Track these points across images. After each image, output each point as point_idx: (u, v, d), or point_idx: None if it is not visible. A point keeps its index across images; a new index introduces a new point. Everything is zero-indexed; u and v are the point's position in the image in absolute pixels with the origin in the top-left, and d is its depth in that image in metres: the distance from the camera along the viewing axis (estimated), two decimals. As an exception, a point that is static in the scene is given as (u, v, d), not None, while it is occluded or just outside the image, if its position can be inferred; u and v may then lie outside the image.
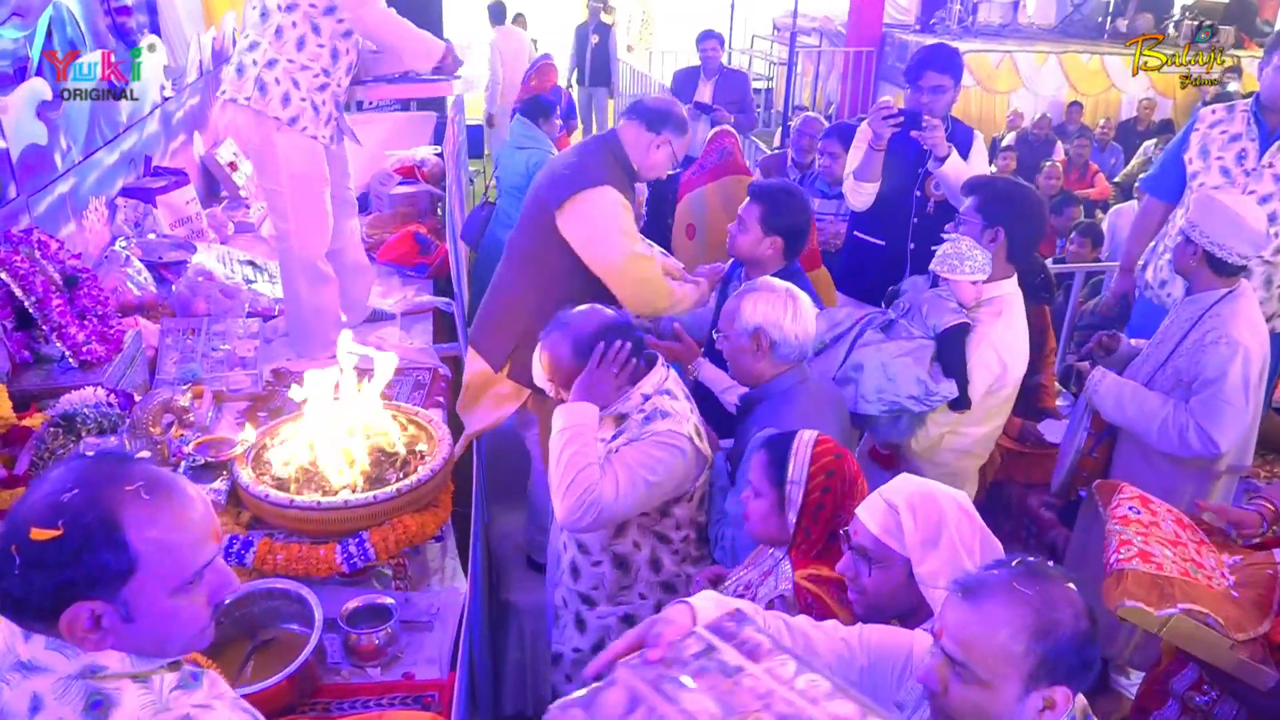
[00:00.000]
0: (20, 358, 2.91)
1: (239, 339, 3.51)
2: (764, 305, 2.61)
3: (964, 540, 1.80)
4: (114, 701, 1.18)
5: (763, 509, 2.17)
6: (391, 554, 2.39)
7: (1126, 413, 3.03)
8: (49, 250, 3.09)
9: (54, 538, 1.15)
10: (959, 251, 2.97)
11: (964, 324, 2.96)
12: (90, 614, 1.18)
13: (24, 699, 1.17)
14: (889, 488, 1.90)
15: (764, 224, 3.15)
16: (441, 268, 4.60)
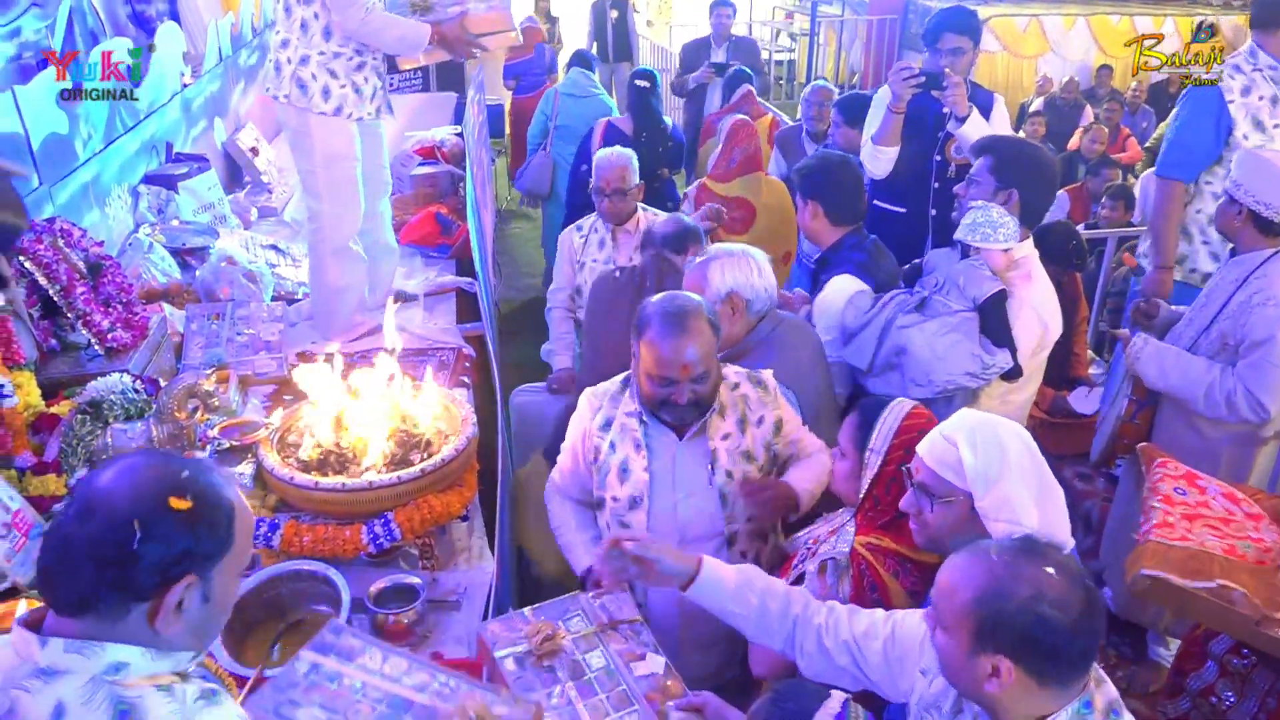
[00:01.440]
0: (47, 345, 2.93)
1: (263, 323, 3.52)
2: (730, 269, 2.68)
3: (1024, 475, 1.79)
4: (141, 710, 1.16)
5: (845, 470, 2.20)
6: (417, 534, 2.39)
7: (1170, 379, 2.94)
8: (72, 238, 3.10)
9: (187, 509, 1.19)
10: (990, 220, 2.90)
11: (1003, 290, 2.88)
12: (187, 588, 1.20)
13: (47, 705, 1.15)
14: (949, 423, 1.89)
15: (801, 193, 3.24)
16: (463, 248, 4.58)
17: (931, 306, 2.93)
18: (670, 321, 2.20)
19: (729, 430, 2.36)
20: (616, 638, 2.10)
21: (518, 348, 5.54)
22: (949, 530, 1.85)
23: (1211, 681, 2.36)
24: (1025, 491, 1.78)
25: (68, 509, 1.21)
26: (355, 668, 1.80)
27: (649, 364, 2.23)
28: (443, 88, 7.89)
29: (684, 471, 2.35)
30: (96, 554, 1.16)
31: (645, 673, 2.01)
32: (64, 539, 1.18)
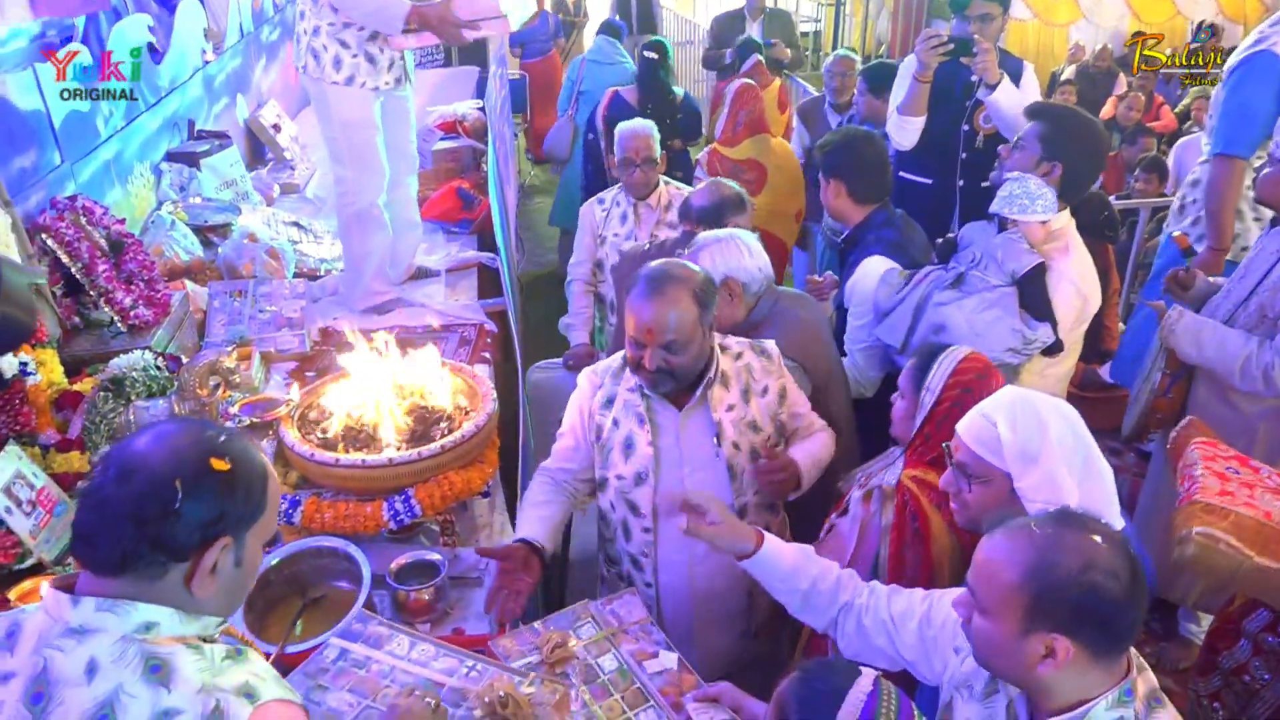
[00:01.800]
0: (70, 323, 2.94)
1: (285, 300, 3.52)
2: (720, 255, 2.65)
3: (1065, 454, 1.74)
4: (172, 666, 1.18)
5: (902, 410, 2.25)
6: (438, 510, 2.38)
7: (1205, 352, 2.86)
8: (94, 216, 3.11)
9: (226, 470, 1.22)
10: (1028, 191, 2.82)
11: (1042, 263, 2.80)
12: (222, 550, 1.23)
13: (80, 663, 1.16)
14: (989, 401, 1.86)
15: (824, 171, 3.18)
16: (485, 223, 4.56)
17: (969, 282, 2.86)
18: (650, 285, 2.17)
19: (733, 401, 2.32)
20: (627, 639, 2.10)
21: (539, 323, 5.53)
22: (988, 510, 1.82)
23: (1245, 660, 2.32)
24: (1066, 472, 1.73)
25: (105, 472, 1.22)
26: (384, 654, 1.83)
27: (628, 324, 2.22)
28: (464, 62, 7.84)
29: (689, 445, 2.31)
30: (138, 513, 1.18)
31: (658, 669, 2.01)
32: (103, 500, 1.20)
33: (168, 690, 1.15)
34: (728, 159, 4.72)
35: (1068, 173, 2.89)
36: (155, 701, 1.14)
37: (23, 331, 2.34)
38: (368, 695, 1.78)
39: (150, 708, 1.14)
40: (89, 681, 1.15)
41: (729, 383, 2.32)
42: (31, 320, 2.36)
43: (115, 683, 1.15)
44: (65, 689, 1.15)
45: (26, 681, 1.17)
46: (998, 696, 1.56)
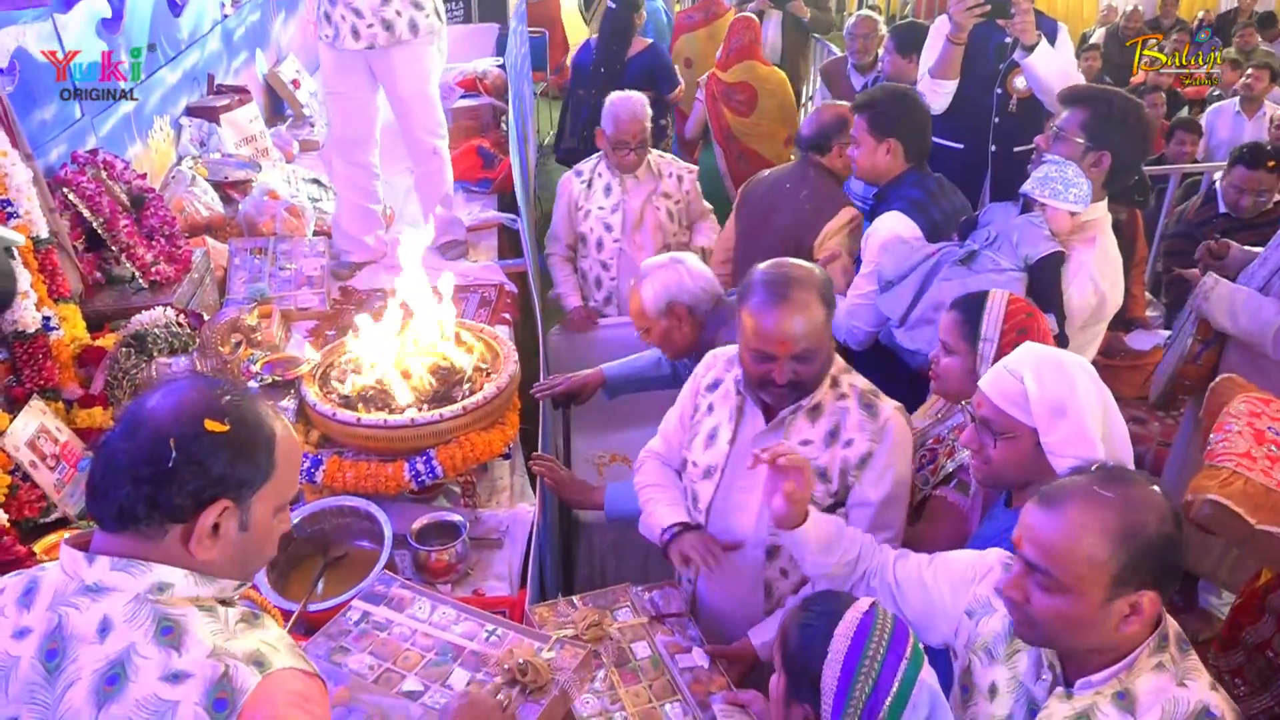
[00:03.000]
0: (92, 278, 2.93)
1: (305, 258, 3.51)
2: (659, 282, 2.62)
3: (1092, 410, 1.73)
4: (184, 628, 1.17)
5: (957, 367, 2.17)
6: (459, 471, 2.38)
7: (1240, 321, 2.80)
8: (115, 171, 3.09)
9: (223, 432, 1.19)
10: (1065, 177, 2.65)
11: (1059, 253, 2.64)
12: (222, 513, 1.20)
13: (93, 621, 1.16)
14: (1012, 358, 1.82)
15: (873, 131, 2.99)
16: (505, 182, 4.53)
17: (979, 261, 2.72)
18: (772, 291, 1.98)
19: (811, 438, 2.08)
20: (663, 630, 2.10)
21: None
22: (1014, 467, 1.80)
23: (1269, 636, 2.30)
24: (1093, 426, 1.72)
25: (118, 425, 1.23)
26: (405, 617, 1.83)
27: (749, 336, 2.03)
28: (484, 18, 7.74)
29: (746, 460, 2.10)
30: (135, 470, 1.17)
31: (689, 665, 2.02)
32: (110, 454, 1.20)
33: (178, 653, 1.15)
34: (722, 81, 5.21)
35: (1117, 161, 2.71)
36: (165, 663, 1.14)
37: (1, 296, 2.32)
38: (388, 658, 1.78)
39: (160, 669, 1.14)
40: (101, 640, 1.15)
41: (817, 418, 2.09)
42: (9, 284, 2.33)
43: (127, 642, 1.15)
44: (79, 646, 1.15)
45: (41, 638, 1.17)
46: (1020, 655, 1.55)
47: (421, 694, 1.68)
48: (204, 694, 1.13)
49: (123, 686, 1.13)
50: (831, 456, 2.07)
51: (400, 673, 1.76)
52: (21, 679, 1.16)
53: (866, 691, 1.37)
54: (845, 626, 1.42)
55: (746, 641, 2.12)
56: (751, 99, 5.12)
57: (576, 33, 9.28)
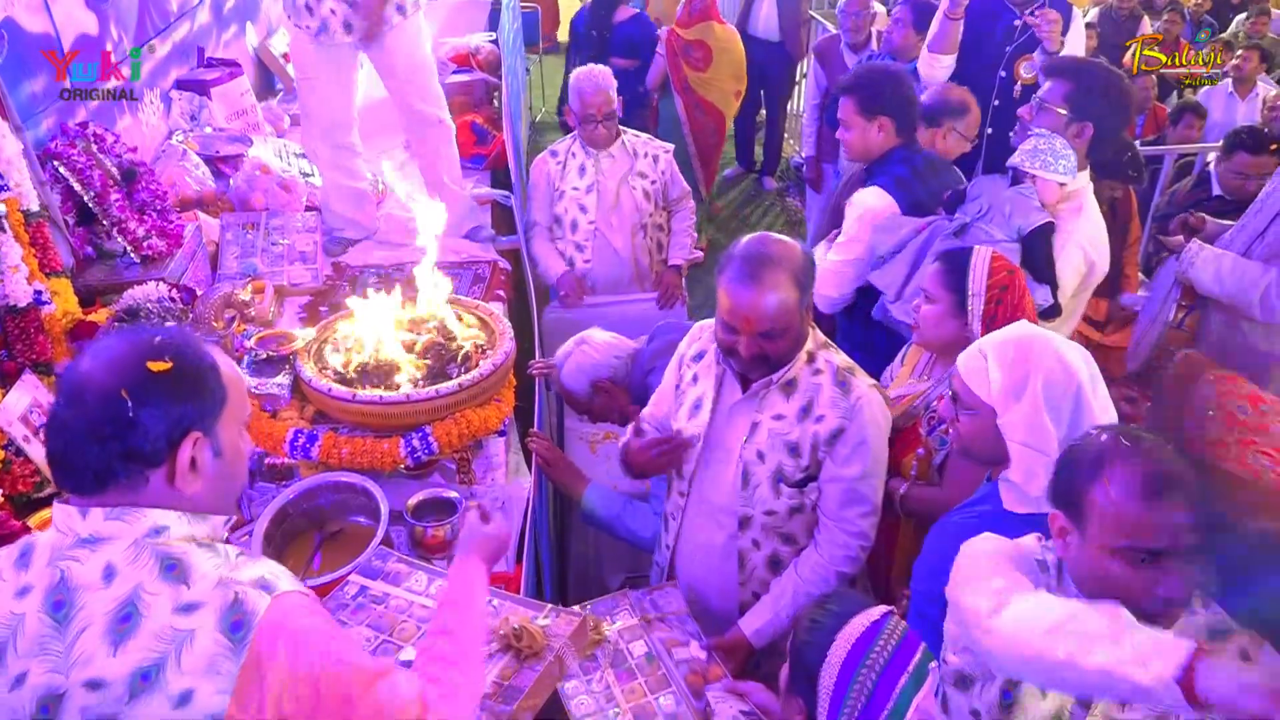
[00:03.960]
0: (83, 253, 2.91)
1: (298, 233, 3.49)
2: (577, 369, 2.74)
3: (1052, 399, 1.71)
4: (188, 564, 1.20)
5: (937, 313, 2.29)
6: (455, 448, 2.38)
7: (1226, 285, 2.83)
8: (105, 144, 3.06)
9: (166, 370, 1.21)
10: (1053, 149, 2.73)
11: (1050, 223, 2.72)
12: (195, 445, 1.23)
13: (96, 569, 1.18)
14: (991, 336, 1.85)
15: (863, 112, 3.00)
16: (499, 159, 4.50)
17: (971, 234, 2.77)
18: (746, 267, 2.00)
19: (785, 412, 2.11)
20: (662, 628, 2.11)
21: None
22: (979, 442, 1.82)
23: None
24: (1049, 418, 1.70)
25: (58, 397, 1.24)
26: (402, 590, 1.85)
27: (720, 307, 2.06)
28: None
29: (729, 432, 2.19)
30: (97, 432, 1.19)
31: (685, 657, 2.02)
32: (63, 425, 1.21)
33: (187, 586, 1.18)
34: (681, 38, 5.65)
35: (1099, 131, 2.79)
36: (176, 597, 1.17)
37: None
38: (386, 630, 1.80)
39: (172, 603, 1.16)
40: (107, 584, 1.17)
41: (792, 393, 2.11)
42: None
43: (134, 583, 1.17)
44: (85, 594, 1.17)
45: (45, 592, 1.19)
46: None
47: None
48: (219, 619, 1.16)
49: (136, 623, 1.15)
50: (803, 431, 2.10)
51: (397, 644, 1.77)
52: (29, 634, 1.17)
53: (861, 702, 1.36)
54: (849, 632, 1.41)
55: (740, 631, 2.15)
56: (707, 56, 5.66)
57: (569, 7, 9.25)
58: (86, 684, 1.14)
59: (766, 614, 2.14)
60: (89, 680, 1.14)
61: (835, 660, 1.39)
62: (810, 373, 2.11)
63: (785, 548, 2.21)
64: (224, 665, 1.14)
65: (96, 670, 1.14)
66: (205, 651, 1.14)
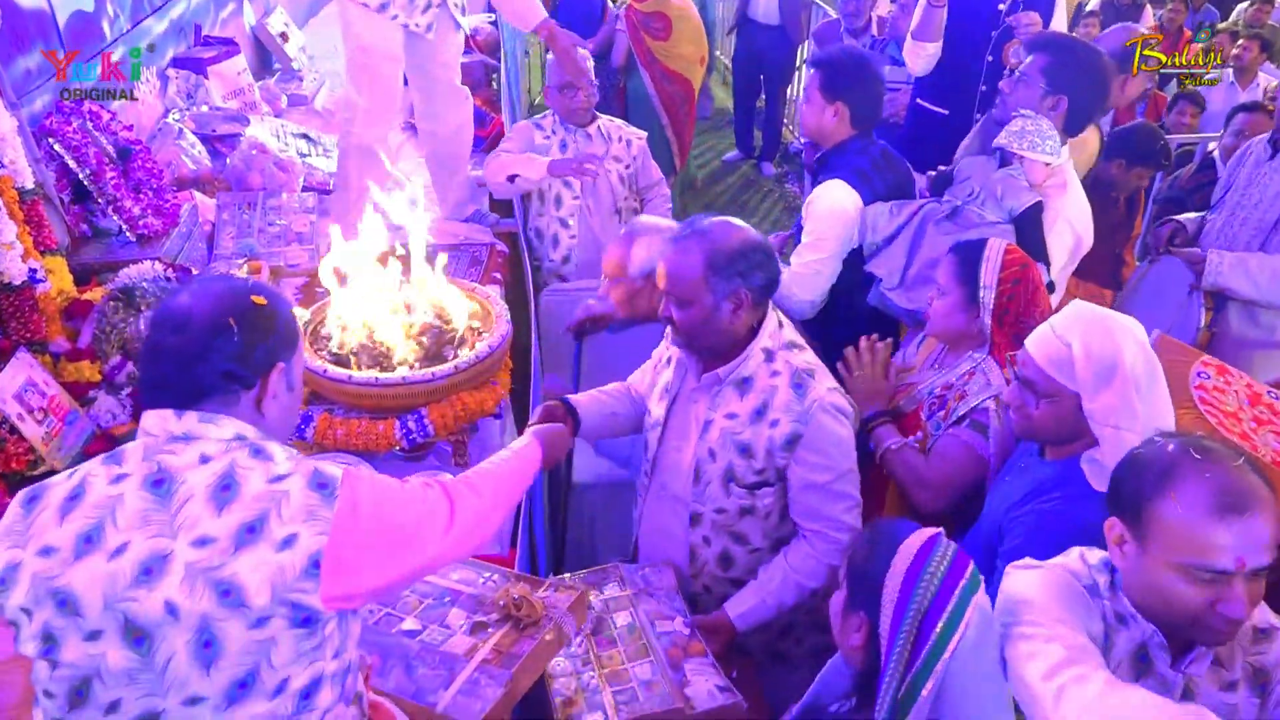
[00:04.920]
0: (79, 231, 2.90)
1: (294, 214, 3.47)
2: (656, 248, 2.51)
3: (1136, 379, 1.74)
4: (271, 452, 1.35)
5: (948, 305, 2.31)
6: (450, 430, 2.38)
7: (1263, 288, 2.92)
8: (101, 122, 3.05)
9: (265, 305, 1.40)
10: (1039, 129, 2.76)
11: (1040, 203, 2.77)
12: (279, 374, 1.42)
13: (193, 457, 1.32)
14: (1061, 320, 1.85)
15: (824, 92, 2.95)
16: (497, 141, 4.47)
17: (964, 216, 2.79)
18: (679, 231, 2.10)
19: (738, 411, 2.09)
20: (649, 601, 2.11)
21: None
22: (1053, 426, 1.85)
23: None
24: (1136, 397, 1.73)
25: (160, 329, 1.37)
26: None
27: None
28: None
29: (688, 420, 2.19)
30: (205, 351, 1.34)
31: (668, 630, 2.03)
32: (167, 350, 1.36)
33: (274, 462, 1.34)
34: (640, 11, 5.62)
35: (1073, 105, 2.85)
36: (267, 470, 1.32)
37: None
38: (388, 603, 1.81)
39: (265, 475, 1.31)
40: (204, 465, 1.31)
41: (749, 393, 2.09)
42: None
43: (229, 460, 1.32)
44: (184, 472, 1.30)
45: (143, 477, 1.30)
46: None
47: (419, 633, 1.72)
48: (307, 481, 1.32)
49: (237, 490, 1.29)
50: (756, 434, 2.08)
51: (399, 615, 1.79)
52: (129, 510, 1.27)
53: (925, 605, 1.38)
54: (909, 545, 1.43)
55: (724, 614, 2.15)
56: (667, 25, 5.67)
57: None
58: (193, 543, 1.25)
59: (752, 599, 2.14)
60: (195, 539, 1.25)
61: (899, 569, 1.42)
62: (768, 373, 2.09)
63: (737, 547, 2.21)
64: (321, 512, 1.30)
65: (202, 530, 1.26)
66: (301, 504, 1.29)
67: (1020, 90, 2.87)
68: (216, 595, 1.24)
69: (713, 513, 2.17)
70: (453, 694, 1.59)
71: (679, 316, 2.06)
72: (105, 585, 1.24)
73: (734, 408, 2.10)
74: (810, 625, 2.26)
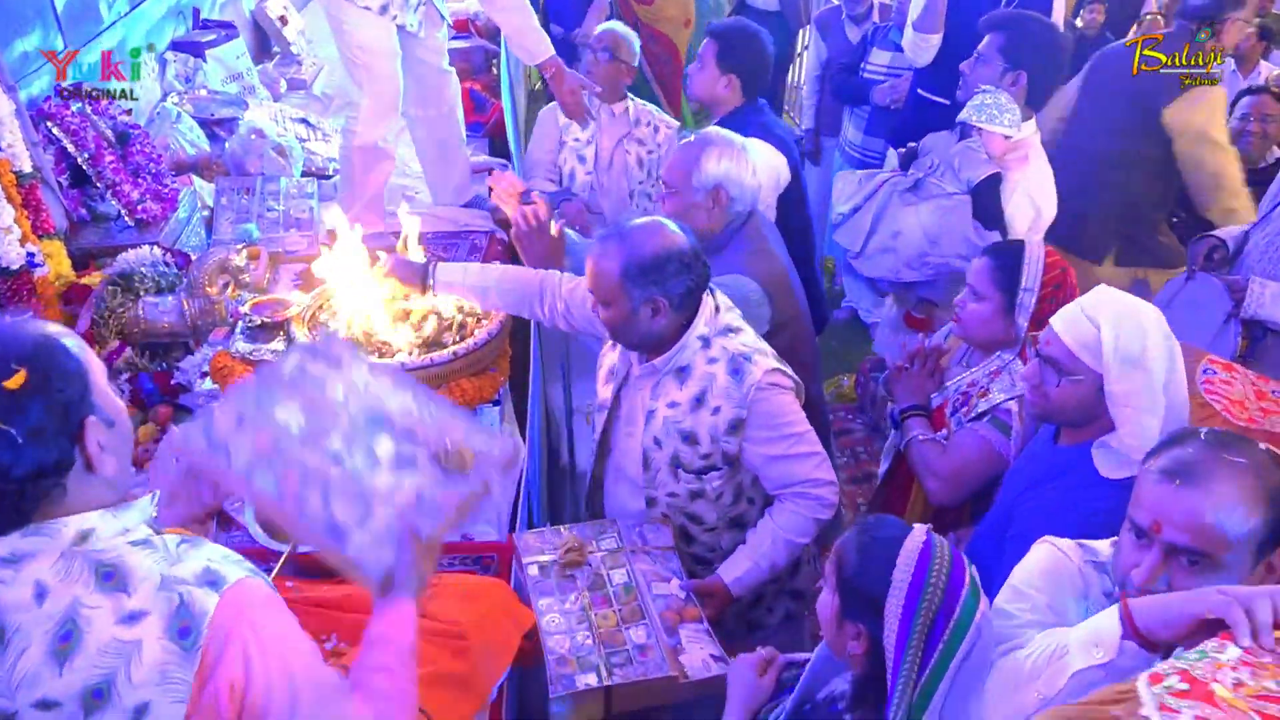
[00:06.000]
0: (77, 215, 2.89)
1: (293, 199, 3.47)
2: (727, 161, 2.47)
3: (1159, 365, 1.76)
4: (125, 568, 1.14)
5: (986, 312, 2.28)
6: (449, 417, 2.37)
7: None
8: (99, 105, 3.03)
9: (25, 381, 1.12)
10: (998, 103, 2.86)
11: (998, 174, 2.88)
12: (95, 426, 1.17)
13: (26, 589, 1.12)
14: (1091, 301, 1.86)
15: (719, 62, 3.08)
16: (497, 127, 4.47)
17: (925, 188, 2.94)
18: (604, 233, 2.13)
19: (679, 400, 2.12)
20: (645, 560, 2.11)
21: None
22: (1072, 406, 1.85)
23: None
24: (1159, 384, 1.75)
25: None
26: (341, 376, 1.67)
27: None
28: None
29: (635, 405, 2.22)
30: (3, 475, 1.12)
31: (664, 593, 2.03)
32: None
33: (127, 594, 1.12)
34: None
35: (1033, 79, 2.94)
36: (117, 608, 1.12)
37: None
38: (316, 414, 1.60)
39: (113, 614, 1.11)
40: (40, 604, 1.11)
41: (687, 381, 2.12)
42: None
43: (70, 598, 1.11)
44: (18, 615, 1.11)
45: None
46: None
47: (344, 459, 1.52)
48: (165, 627, 1.11)
49: (79, 640, 1.10)
50: (698, 421, 2.11)
51: (325, 429, 1.58)
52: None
53: (930, 618, 1.39)
54: (907, 555, 1.42)
55: (719, 579, 2.15)
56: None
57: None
58: (36, 705, 1.10)
59: (745, 563, 2.15)
60: (39, 701, 1.10)
61: (901, 582, 1.41)
62: (705, 360, 2.11)
63: (694, 526, 2.26)
64: (176, 674, 1.11)
65: (45, 691, 1.09)
66: (155, 661, 1.10)
67: (980, 69, 2.99)
68: None
69: (665, 496, 2.23)
70: (366, 539, 1.39)
71: (602, 314, 2.10)
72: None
73: (674, 396, 2.13)
74: (778, 593, 2.33)
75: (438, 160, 3.61)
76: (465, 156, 3.71)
